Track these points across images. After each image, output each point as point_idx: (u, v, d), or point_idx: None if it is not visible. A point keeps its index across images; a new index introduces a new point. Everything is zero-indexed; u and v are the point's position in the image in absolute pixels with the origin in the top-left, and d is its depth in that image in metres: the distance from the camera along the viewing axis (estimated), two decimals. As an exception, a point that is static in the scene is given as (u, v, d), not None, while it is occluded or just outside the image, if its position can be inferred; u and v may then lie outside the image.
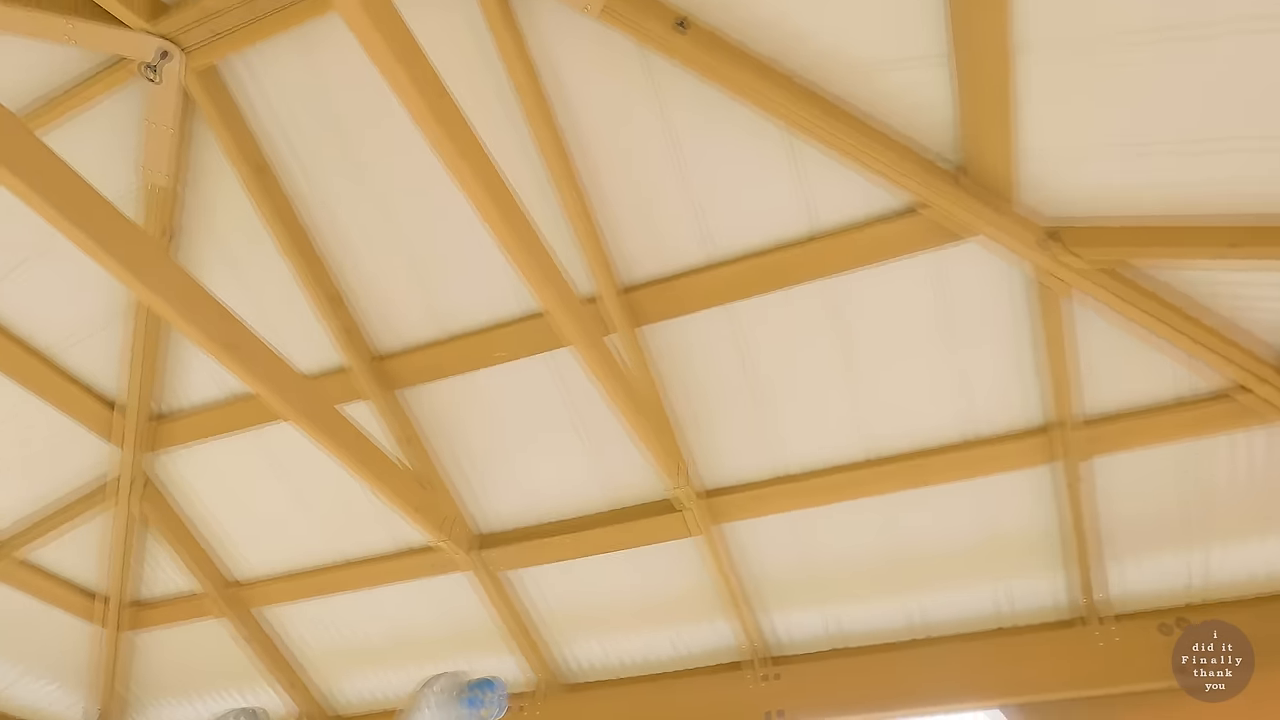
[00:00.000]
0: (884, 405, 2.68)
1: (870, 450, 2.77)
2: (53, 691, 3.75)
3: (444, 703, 1.69)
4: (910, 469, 2.72)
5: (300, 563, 3.46)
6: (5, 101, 2.29)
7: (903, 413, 2.67)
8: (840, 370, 2.64)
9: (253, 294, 2.85)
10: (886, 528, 2.88)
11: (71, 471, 3.22)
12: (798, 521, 2.95)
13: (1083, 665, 2.68)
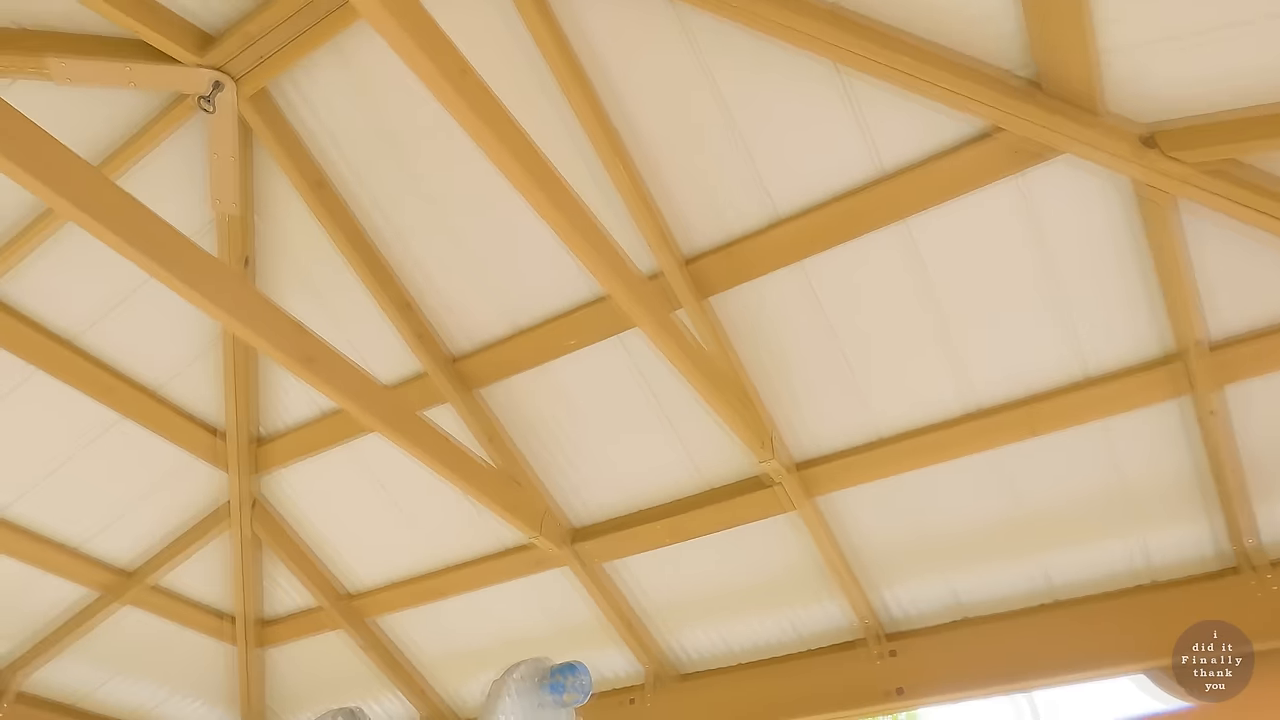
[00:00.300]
0: (982, 352, 2.48)
1: (972, 402, 2.58)
2: (198, 709, 3.97)
3: (525, 690, 1.65)
4: (1020, 419, 2.51)
5: (407, 570, 3.53)
6: (81, 152, 2.44)
7: (1004, 358, 2.47)
8: (928, 319, 2.46)
9: (330, 310, 2.92)
10: (1001, 485, 2.68)
11: (188, 499, 3.40)
12: (901, 487, 2.78)
13: (1240, 620, 2.40)
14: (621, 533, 3.10)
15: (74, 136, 2.41)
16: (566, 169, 2.07)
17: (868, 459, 2.73)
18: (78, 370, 2.86)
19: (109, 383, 2.92)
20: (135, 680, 3.78)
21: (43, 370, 2.83)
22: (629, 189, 2.38)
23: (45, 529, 3.23)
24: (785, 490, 2.79)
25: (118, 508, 3.29)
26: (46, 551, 3.25)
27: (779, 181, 2.36)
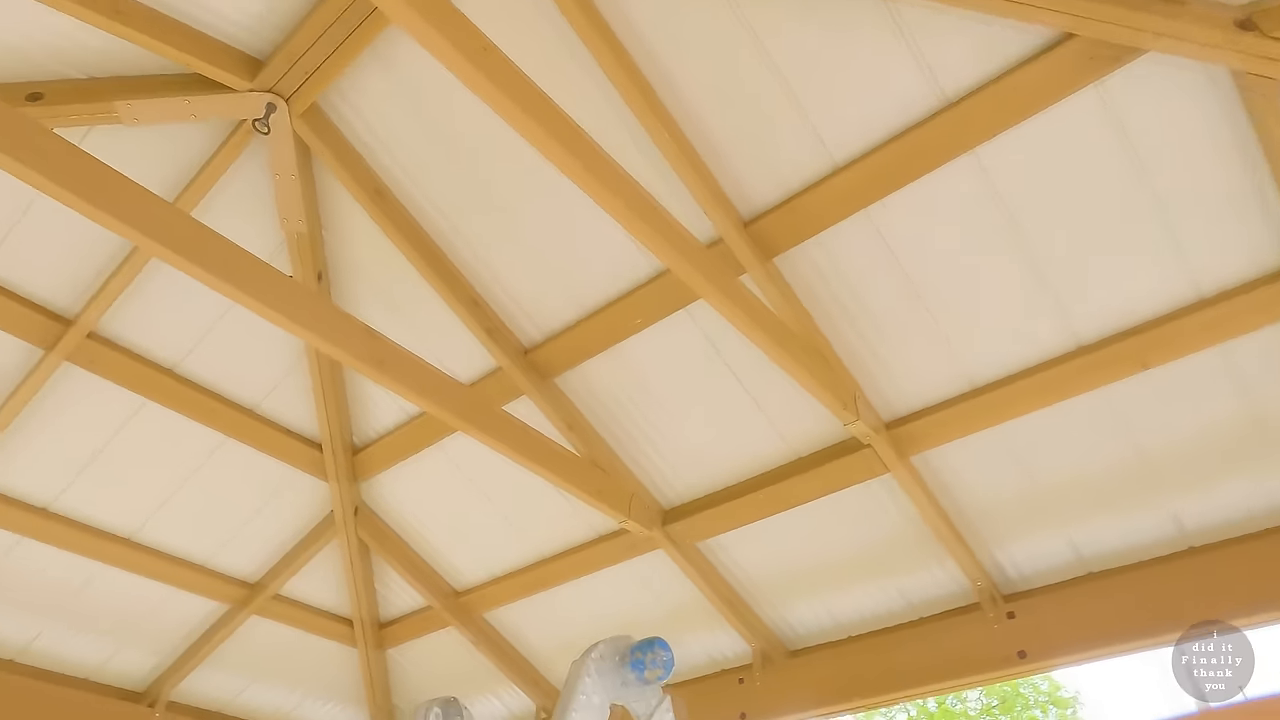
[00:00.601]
0: (1078, 282, 2.28)
1: (1073, 339, 2.38)
2: (331, 710, 4.16)
3: (606, 670, 1.61)
4: (1129, 351, 2.30)
5: (510, 563, 3.58)
6: (157, 189, 2.56)
7: (1104, 286, 2.27)
8: (1013, 253, 2.28)
9: (404, 315, 2.98)
10: (1115, 426, 2.47)
11: (297, 510, 3.55)
12: (1004, 438, 2.60)
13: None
14: (712, 510, 3.04)
15: (148, 175, 2.55)
16: (610, 141, 2.03)
17: (963, 411, 2.57)
18: (182, 397, 3.02)
19: (211, 406, 3.08)
20: (270, 686, 4.00)
21: (152, 400, 3.00)
22: (677, 156, 2.31)
23: (173, 549, 3.45)
24: (876, 452, 2.66)
25: (234, 524, 3.47)
26: (177, 570, 3.47)
27: (833, 128, 2.24)
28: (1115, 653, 2.50)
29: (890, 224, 2.34)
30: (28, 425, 2.94)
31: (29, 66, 2.31)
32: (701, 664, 3.50)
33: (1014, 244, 2.27)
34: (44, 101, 2.32)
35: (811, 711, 3.13)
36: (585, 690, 1.51)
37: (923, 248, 2.36)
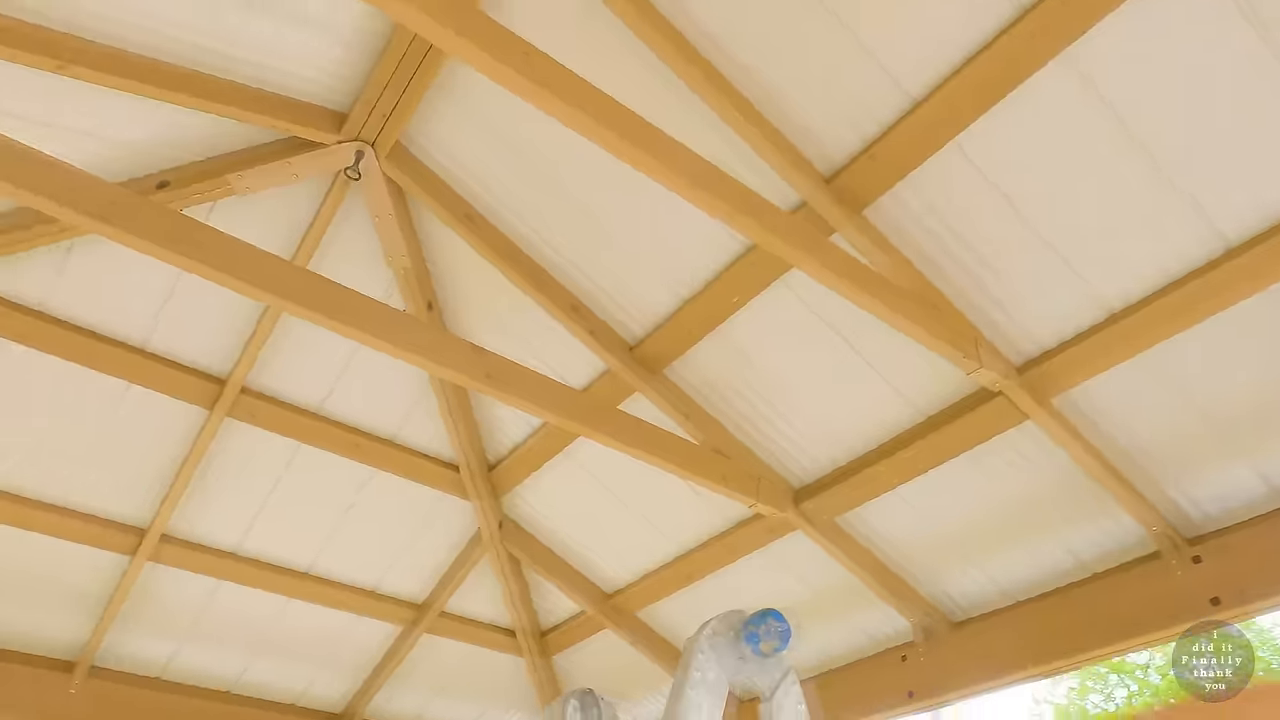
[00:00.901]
0: (1214, 178, 2.02)
1: (1219, 243, 2.11)
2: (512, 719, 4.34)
3: (720, 645, 1.57)
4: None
5: (653, 560, 3.60)
6: (277, 250, 2.78)
7: (1246, 178, 1.99)
8: (1131, 157, 2.05)
9: (513, 330, 3.09)
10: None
11: (448, 529, 3.74)
12: (1156, 363, 2.34)
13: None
14: (845, 484, 2.92)
15: (269, 237, 2.78)
16: (675, 123, 2.01)
17: (1102, 341, 2.34)
18: (329, 437, 3.27)
19: (356, 441, 3.30)
20: (452, 700, 4.23)
21: (304, 443, 3.27)
22: (744, 125, 2.25)
23: (345, 578, 3.72)
24: (1011, 399, 2.47)
25: (394, 549, 3.71)
26: (352, 597, 3.74)
27: (902, 61, 2.10)
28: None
29: (984, 151, 2.17)
30: (206, 479, 3.27)
31: (155, 158, 2.59)
32: (861, 645, 3.37)
33: (1128, 149, 2.05)
34: (171, 187, 2.59)
35: (983, 684, 2.94)
36: (699, 667, 1.49)
37: (1024, 170, 2.18)
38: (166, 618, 3.57)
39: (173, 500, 3.21)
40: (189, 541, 3.40)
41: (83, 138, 2.44)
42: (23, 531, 3.17)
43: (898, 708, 3.12)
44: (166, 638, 3.63)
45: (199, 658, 3.71)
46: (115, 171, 2.54)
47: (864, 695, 3.24)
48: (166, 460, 3.19)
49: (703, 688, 1.47)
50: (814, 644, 3.51)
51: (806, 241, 2.15)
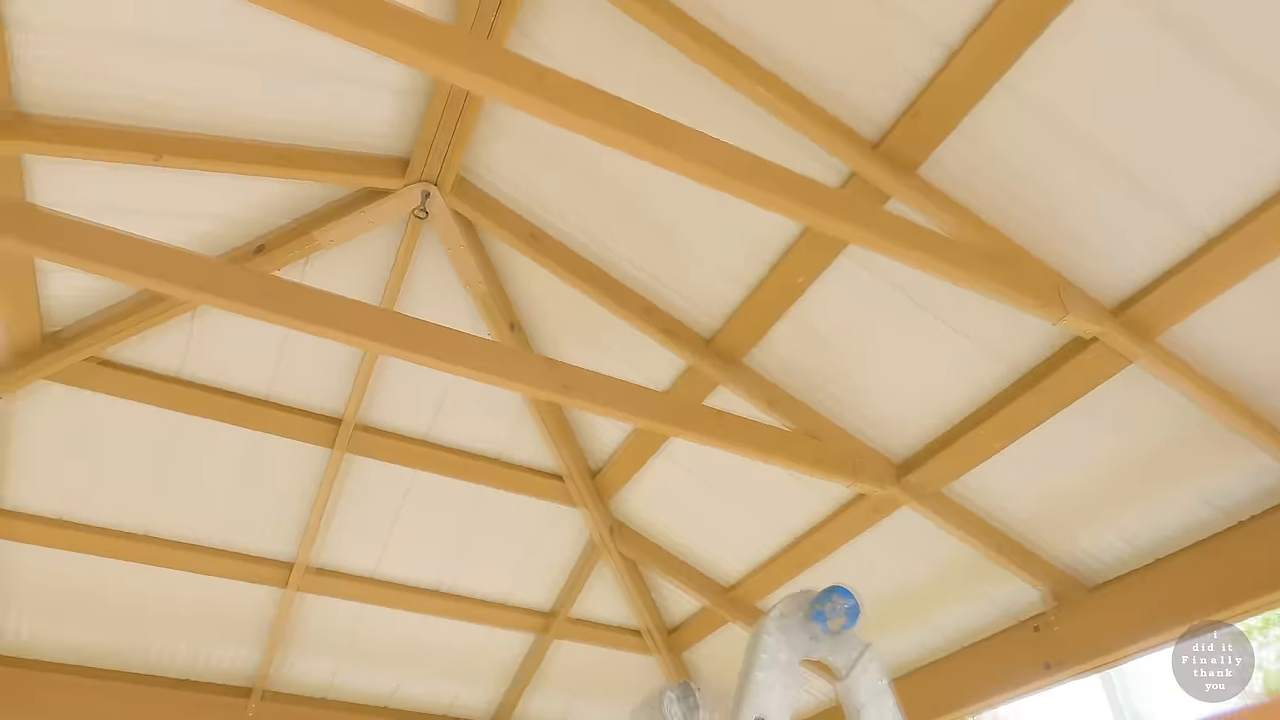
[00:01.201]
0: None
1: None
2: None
3: (790, 626, 1.55)
4: None
5: (766, 550, 3.58)
6: (368, 296, 2.99)
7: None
8: (1210, 67, 1.88)
9: (595, 341, 3.17)
10: None
11: (565, 537, 3.86)
12: (1271, 284, 2.14)
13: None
14: (947, 452, 2.81)
15: (360, 284, 3.00)
16: (708, 114, 2.04)
17: (1204, 269, 2.15)
18: (441, 462, 3.46)
19: (465, 463, 3.49)
20: (591, 702, 4.35)
21: (419, 469, 3.48)
22: (776, 102, 2.24)
23: (475, 593, 3.92)
24: (1108, 343, 2.32)
25: (516, 561, 3.87)
26: (485, 610, 3.94)
27: (931, 7, 2.03)
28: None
29: (1035, 88, 2.05)
30: (338, 512, 3.54)
31: (250, 226, 2.85)
32: (992, 618, 3.23)
33: (1205, 60, 1.88)
34: (267, 250, 2.85)
35: (1125, 650, 2.74)
36: (767, 649, 1.49)
37: (1084, 101, 2.04)
38: (323, 642, 3.88)
39: (311, 534, 3.50)
40: (331, 571, 3.69)
41: (185, 219, 2.73)
42: (192, 575, 3.55)
43: (1035, 680, 2.97)
44: (325, 660, 3.94)
45: (356, 677, 4.01)
46: (218, 243, 2.82)
47: (998, 671, 3.10)
48: (302, 498, 3.48)
49: (774, 669, 1.46)
50: (942, 622, 3.39)
51: (859, 215, 2.11)
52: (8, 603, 3.47)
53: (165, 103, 2.38)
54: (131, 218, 2.56)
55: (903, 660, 3.57)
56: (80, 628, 3.58)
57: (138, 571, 3.49)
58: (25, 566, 3.40)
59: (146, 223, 2.60)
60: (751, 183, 1.99)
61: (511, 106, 1.82)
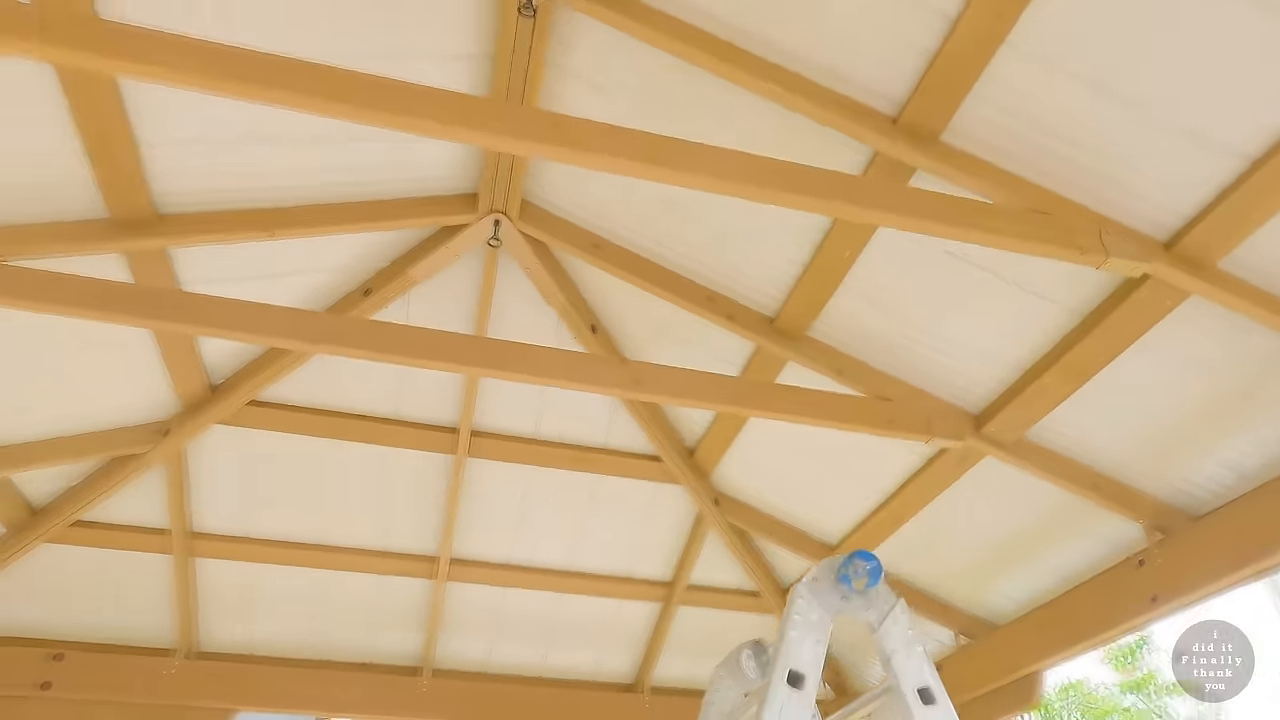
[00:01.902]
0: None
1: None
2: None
3: (821, 589, 1.70)
4: None
5: (864, 507, 3.71)
6: (462, 325, 3.34)
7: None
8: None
9: (671, 335, 3.39)
10: None
11: (676, 511, 4.13)
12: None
13: None
14: (1021, 398, 2.84)
15: (455, 317, 3.36)
16: (726, 118, 2.17)
17: (1251, 193, 2.11)
18: (549, 455, 3.81)
19: (571, 455, 3.82)
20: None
21: (534, 465, 3.84)
22: (786, 95, 2.35)
23: (600, 570, 4.27)
24: (1162, 278, 2.31)
25: (632, 539, 4.19)
26: (612, 585, 4.29)
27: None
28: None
29: (1046, 36, 2.06)
30: (469, 509, 3.97)
31: (357, 274, 3.25)
32: (1097, 557, 3.23)
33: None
34: (373, 291, 3.24)
35: (1233, 576, 2.69)
36: (800, 611, 1.66)
37: (1097, 45, 2.05)
38: (474, 622, 4.36)
39: (448, 531, 3.95)
40: (470, 561, 4.14)
41: (303, 275, 3.16)
42: (356, 574, 4.09)
43: (1142, 615, 2.97)
44: (479, 638, 4.42)
45: (507, 651, 4.47)
46: (332, 292, 3.25)
47: (1104, 608, 3.11)
48: (435, 500, 3.93)
49: (805, 628, 1.64)
50: (1046, 564, 3.42)
51: (883, 199, 2.22)
52: (220, 610, 4.14)
53: (270, 185, 2.79)
54: (261, 283, 3.03)
55: (1014, 603, 3.62)
56: (277, 625, 4.21)
57: (315, 575, 4.07)
58: (226, 580, 4.04)
59: (273, 285, 3.07)
60: (771, 186, 2.13)
61: (537, 156, 2.06)
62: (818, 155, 2.46)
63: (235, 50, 1.85)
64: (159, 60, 1.79)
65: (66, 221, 2.60)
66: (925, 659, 1.70)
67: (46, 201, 2.55)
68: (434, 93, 1.93)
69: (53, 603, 3.95)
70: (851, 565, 1.76)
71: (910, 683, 1.66)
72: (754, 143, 2.29)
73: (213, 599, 4.10)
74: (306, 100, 1.87)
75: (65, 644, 3.95)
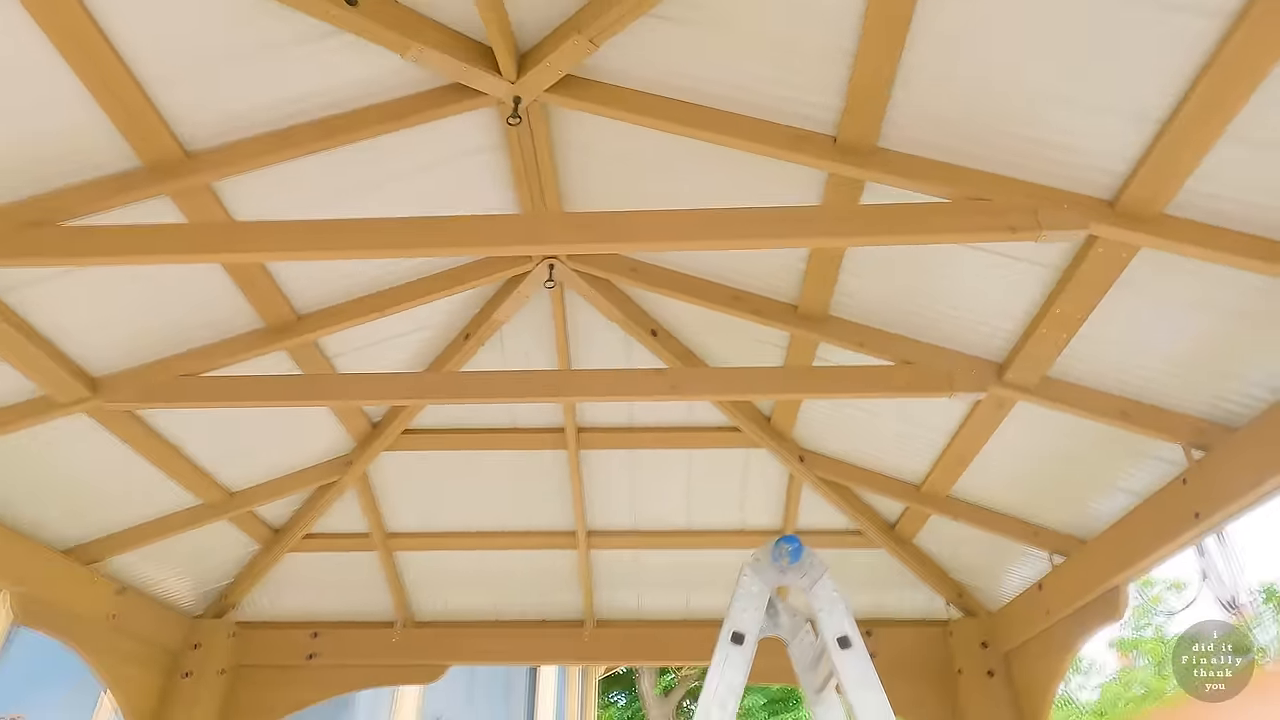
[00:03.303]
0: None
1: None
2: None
3: (761, 566, 2.11)
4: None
5: (929, 453, 4.00)
6: (548, 350, 3.99)
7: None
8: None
9: (723, 331, 3.85)
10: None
11: (774, 470, 4.61)
12: (1247, 128, 2.17)
13: None
14: (1030, 342, 3.03)
15: (542, 345, 4.03)
16: (704, 173, 2.61)
17: (1174, 143, 2.24)
18: (647, 439, 4.42)
19: (665, 436, 4.42)
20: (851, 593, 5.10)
21: (634, 448, 4.48)
22: (736, 140, 2.72)
23: (716, 527, 4.87)
24: (1108, 236, 2.50)
25: (737, 498, 4.74)
26: (729, 537, 4.88)
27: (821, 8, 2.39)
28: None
29: (938, 49, 2.31)
30: (590, 490, 4.70)
31: (454, 326, 4.00)
32: (1145, 483, 3.37)
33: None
34: (471, 336, 3.98)
35: (1272, 483, 2.76)
36: (743, 585, 2.13)
37: (990, 38, 2.26)
38: (621, 580, 5.13)
39: (579, 510, 4.71)
40: (603, 531, 4.90)
41: (416, 333, 3.95)
42: (519, 551, 4.99)
43: (1186, 533, 3.10)
44: (629, 592, 5.20)
45: (653, 600, 5.21)
46: (440, 341, 4.03)
47: (1152, 533, 3.26)
48: (563, 487, 4.70)
49: (746, 598, 2.11)
50: (1096, 495, 3.59)
51: (836, 225, 2.54)
52: (424, 589, 5.20)
53: (373, 274, 3.56)
54: (379, 348, 3.85)
55: (1099, 522, 3.77)
56: (467, 597, 5.23)
57: (486, 555, 5.02)
58: (422, 566, 5.09)
59: (392, 346, 3.89)
60: (731, 236, 2.53)
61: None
62: (784, 188, 2.85)
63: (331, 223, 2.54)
64: (264, 244, 2.54)
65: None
66: (846, 614, 2.14)
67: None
68: (462, 223, 2.54)
69: (306, 594, 5.19)
70: (778, 546, 2.22)
71: (832, 632, 2.11)
72: (733, 189, 2.73)
73: (416, 581, 5.17)
74: (380, 251, 2.59)
75: (320, 624, 5.19)
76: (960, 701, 4.62)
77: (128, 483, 3.95)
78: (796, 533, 4.77)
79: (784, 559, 2.21)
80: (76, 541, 4.11)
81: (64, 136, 2.53)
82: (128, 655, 4.46)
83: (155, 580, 4.66)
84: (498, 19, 2.52)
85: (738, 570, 2.34)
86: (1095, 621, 3.80)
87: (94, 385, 3.32)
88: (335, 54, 2.62)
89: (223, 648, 4.93)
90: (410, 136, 2.91)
